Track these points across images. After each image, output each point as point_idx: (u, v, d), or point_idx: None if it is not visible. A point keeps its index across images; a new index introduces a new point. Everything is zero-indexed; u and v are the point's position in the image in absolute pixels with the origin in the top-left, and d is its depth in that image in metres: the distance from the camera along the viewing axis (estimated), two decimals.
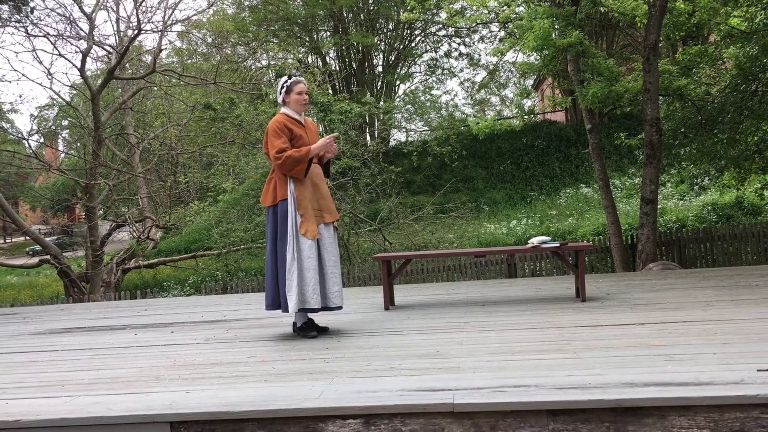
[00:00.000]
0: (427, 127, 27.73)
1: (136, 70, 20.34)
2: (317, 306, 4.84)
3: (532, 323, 4.95)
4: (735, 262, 12.25)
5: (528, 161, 23.64)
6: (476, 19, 15.38)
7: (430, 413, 2.95)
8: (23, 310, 8.92)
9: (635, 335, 4.26)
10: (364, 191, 14.68)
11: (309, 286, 4.80)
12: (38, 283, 21.13)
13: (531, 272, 12.78)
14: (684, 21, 11.16)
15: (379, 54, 27.38)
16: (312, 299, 4.81)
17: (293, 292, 4.79)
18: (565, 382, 3.16)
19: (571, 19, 10.83)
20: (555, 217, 18.41)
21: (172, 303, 8.53)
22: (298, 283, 4.80)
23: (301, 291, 4.81)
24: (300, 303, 4.82)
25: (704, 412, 2.82)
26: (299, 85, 5.04)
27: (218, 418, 3.05)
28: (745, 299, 5.47)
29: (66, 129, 27.10)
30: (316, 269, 4.83)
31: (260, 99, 17.19)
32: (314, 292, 4.80)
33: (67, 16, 16.81)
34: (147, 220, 17.47)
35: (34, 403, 3.40)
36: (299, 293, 4.80)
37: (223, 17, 24.37)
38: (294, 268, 4.81)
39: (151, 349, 4.94)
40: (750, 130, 11.42)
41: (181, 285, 16.39)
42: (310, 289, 4.80)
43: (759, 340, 3.89)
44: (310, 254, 4.82)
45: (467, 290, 7.44)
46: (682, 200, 17.44)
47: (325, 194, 5.01)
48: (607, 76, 10.89)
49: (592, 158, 11.92)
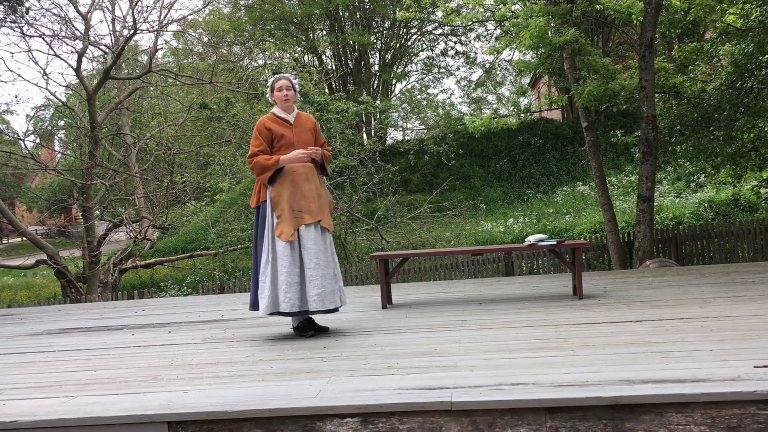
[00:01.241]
0: (423, 126, 27.73)
1: (132, 70, 20.30)
2: (288, 310, 4.77)
3: (530, 321, 4.95)
4: (731, 259, 12.26)
5: (525, 159, 23.65)
6: (472, 18, 15.38)
7: (428, 412, 2.96)
8: (20, 311, 8.90)
9: (632, 332, 4.26)
10: (361, 190, 14.66)
11: (281, 289, 4.76)
12: (35, 283, 21.08)
13: (528, 270, 12.79)
14: (680, 18, 11.17)
15: (375, 53, 27.36)
16: (283, 303, 4.76)
17: (265, 294, 4.79)
18: (562, 380, 3.17)
19: (567, 17, 10.84)
20: (552, 215, 18.43)
21: (170, 303, 8.52)
22: (271, 286, 4.78)
23: (273, 294, 4.78)
24: (271, 306, 4.79)
25: (701, 408, 2.82)
26: (279, 82, 5.05)
27: (216, 417, 3.05)
28: (742, 296, 5.48)
29: (62, 129, 27.11)
30: (291, 272, 4.77)
31: (257, 98, 17.17)
32: (286, 296, 4.74)
33: (63, 16, 16.83)
34: (144, 221, 17.45)
35: (32, 404, 3.40)
36: (271, 296, 4.78)
37: (218, 17, 24.34)
38: (268, 270, 4.80)
39: (148, 349, 4.94)
40: (746, 127, 11.43)
41: (178, 285, 16.36)
42: (281, 292, 4.76)
43: (756, 337, 3.90)
44: (283, 257, 4.78)
45: (464, 288, 7.44)
46: (678, 197, 17.47)
47: (307, 195, 4.90)
48: (603, 73, 10.90)
49: (589, 156, 11.94)
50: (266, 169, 4.89)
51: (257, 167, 4.91)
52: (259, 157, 4.90)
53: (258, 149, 4.92)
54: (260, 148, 4.91)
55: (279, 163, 4.88)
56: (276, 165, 4.88)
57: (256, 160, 4.90)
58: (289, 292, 4.75)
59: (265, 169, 4.89)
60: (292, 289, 4.76)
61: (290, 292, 4.76)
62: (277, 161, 4.88)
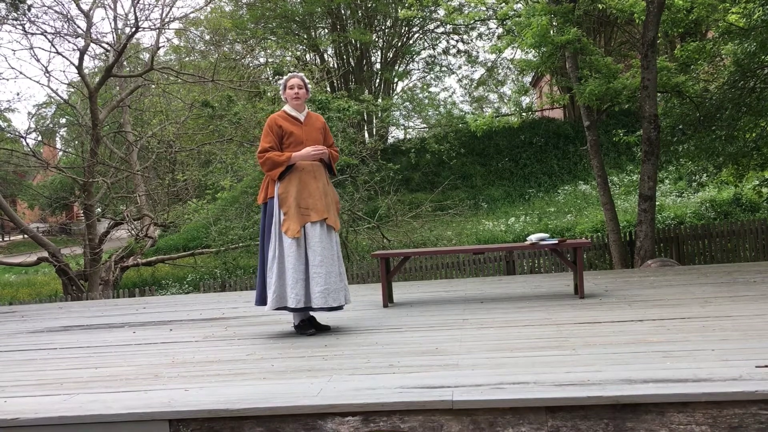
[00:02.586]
0: (425, 125, 27.73)
1: (134, 68, 20.30)
2: (294, 305, 4.80)
3: (531, 320, 4.95)
4: (733, 258, 12.26)
5: (526, 158, 23.62)
6: (474, 16, 15.35)
7: (429, 410, 2.95)
8: (21, 309, 8.91)
9: (634, 332, 4.26)
10: (362, 188, 14.67)
11: (288, 285, 4.80)
12: (36, 281, 21.07)
13: (529, 269, 12.79)
14: (682, 17, 11.15)
15: (377, 51, 27.33)
16: (290, 298, 4.79)
17: (272, 289, 4.82)
18: (563, 379, 3.16)
19: (569, 15, 10.82)
20: (553, 214, 18.41)
21: (171, 301, 8.53)
22: (277, 282, 4.81)
23: (280, 289, 4.82)
24: (278, 301, 4.83)
25: (703, 408, 2.82)
26: (291, 80, 5.10)
27: (217, 415, 3.05)
28: (744, 296, 5.48)
29: (64, 127, 27.10)
30: (298, 268, 4.80)
31: (258, 96, 17.16)
32: (293, 291, 4.78)
33: (65, 14, 16.77)
34: (145, 218, 17.45)
35: (33, 402, 3.40)
36: (277, 291, 4.81)
37: (220, 15, 24.31)
38: (275, 266, 4.83)
39: (149, 347, 4.94)
40: (748, 126, 11.42)
41: (179, 283, 16.37)
42: (288, 288, 4.80)
43: (757, 337, 3.90)
44: (290, 253, 4.81)
45: (466, 287, 7.44)
46: (680, 197, 17.45)
47: (314, 193, 4.94)
48: (605, 73, 10.89)
49: (590, 155, 11.92)
50: (277, 165, 4.91)
51: (269, 163, 4.92)
52: (270, 153, 4.92)
53: (269, 145, 4.94)
54: (271, 145, 4.94)
55: (291, 160, 4.91)
56: (288, 161, 4.91)
57: (267, 156, 4.91)
58: (296, 287, 4.79)
59: (276, 165, 4.91)
60: (298, 285, 4.80)
61: (297, 288, 4.79)
62: (289, 158, 4.91)
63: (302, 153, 4.94)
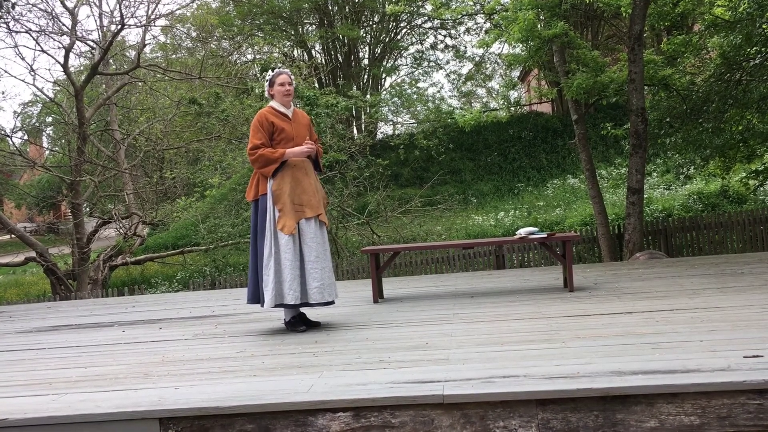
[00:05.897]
0: (413, 120, 27.71)
1: (120, 66, 20.18)
2: (293, 302, 4.81)
3: (521, 314, 4.97)
4: (721, 250, 12.34)
5: (515, 153, 23.67)
6: (461, 11, 15.34)
7: (420, 405, 2.96)
8: (9, 309, 8.84)
9: (623, 324, 4.28)
10: (351, 184, 14.64)
11: (285, 281, 4.79)
12: (24, 281, 20.93)
13: (519, 263, 12.83)
14: (668, 11, 11.20)
15: (364, 47, 27.29)
16: (288, 295, 4.80)
17: (269, 287, 4.81)
18: (553, 372, 3.18)
19: (556, 10, 10.84)
20: (542, 208, 18.47)
21: (160, 299, 8.50)
22: (275, 279, 4.80)
23: (278, 286, 4.81)
24: (276, 298, 4.82)
25: (692, 399, 2.84)
26: (281, 77, 5.05)
27: (208, 413, 3.04)
28: (731, 287, 5.51)
29: (50, 126, 26.88)
30: (294, 265, 4.80)
31: (246, 93, 17.09)
32: (291, 288, 4.78)
33: (49, 12, 16.66)
34: (133, 217, 17.36)
35: (22, 402, 3.38)
36: (275, 288, 4.80)
37: (207, 11, 24.22)
38: (271, 263, 4.82)
39: (139, 345, 4.92)
40: (734, 119, 11.49)
41: (168, 281, 16.30)
42: (286, 284, 4.79)
43: (745, 327, 3.92)
44: (286, 249, 4.80)
45: (456, 282, 7.45)
46: (668, 190, 17.55)
47: (307, 189, 4.95)
48: (593, 66, 10.92)
49: (579, 149, 11.96)
50: (271, 162, 4.88)
51: (262, 160, 4.88)
52: (262, 149, 4.88)
53: (260, 142, 4.90)
54: (262, 141, 4.90)
55: (284, 156, 4.88)
56: (282, 158, 4.88)
57: (260, 153, 4.87)
58: (294, 284, 4.79)
59: (269, 161, 4.87)
60: (296, 282, 4.81)
61: (294, 285, 4.79)
62: (283, 155, 4.88)
63: (296, 150, 4.92)
